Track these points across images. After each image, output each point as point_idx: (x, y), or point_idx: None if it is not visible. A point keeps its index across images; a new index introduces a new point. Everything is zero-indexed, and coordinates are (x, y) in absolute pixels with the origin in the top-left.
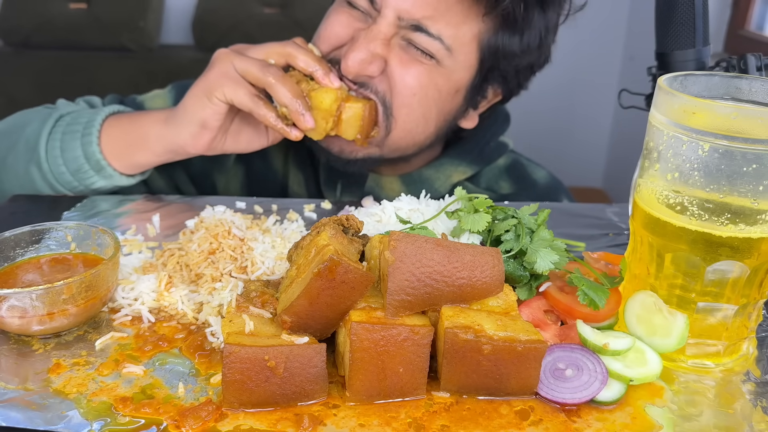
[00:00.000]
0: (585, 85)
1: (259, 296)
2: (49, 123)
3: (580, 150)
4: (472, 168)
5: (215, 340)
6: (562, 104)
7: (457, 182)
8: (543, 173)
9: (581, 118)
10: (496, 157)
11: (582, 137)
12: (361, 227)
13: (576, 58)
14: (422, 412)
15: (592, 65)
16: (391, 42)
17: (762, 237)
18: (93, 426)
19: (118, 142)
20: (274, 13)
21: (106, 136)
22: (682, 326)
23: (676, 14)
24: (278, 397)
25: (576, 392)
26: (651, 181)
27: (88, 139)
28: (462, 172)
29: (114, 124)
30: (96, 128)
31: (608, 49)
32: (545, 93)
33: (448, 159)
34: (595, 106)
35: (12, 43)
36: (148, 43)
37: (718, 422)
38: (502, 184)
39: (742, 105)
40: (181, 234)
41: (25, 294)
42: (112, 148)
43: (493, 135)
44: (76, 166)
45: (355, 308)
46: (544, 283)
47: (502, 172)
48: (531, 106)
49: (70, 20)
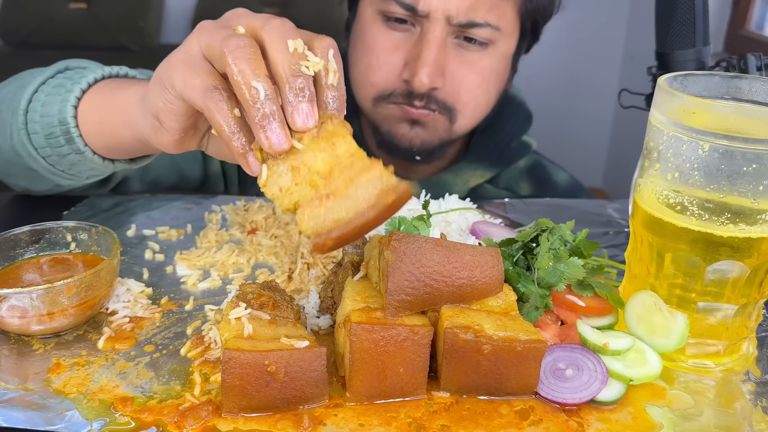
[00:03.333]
0: (585, 85)
1: (256, 298)
2: (48, 71)
3: (580, 150)
4: (491, 171)
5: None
6: (562, 104)
7: (475, 185)
8: (564, 176)
9: (581, 118)
10: (517, 159)
11: (582, 137)
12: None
13: (576, 58)
14: (422, 412)
15: (592, 65)
16: (446, 44)
17: (762, 237)
18: (93, 426)
19: (94, 113)
20: (274, 13)
21: (87, 102)
22: (682, 326)
23: (676, 14)
24: (278, 401)
25: (576, 392)
26: (651, 180)
27: (66, 97)
28: (480, 175)
29: (101, 89)
30: (80, 87)
31: (608, 49)
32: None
33: (467, 163)
34: (595, 106)
35: (12, 43)
36: (148, 42)
37: (718, 422)
38: (521, 185)
39: (742, 105)
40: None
41: (25, 294)
42: (88, 118)
43: (515, 135)
44: (49, 128)
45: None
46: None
47: (523, 173)
48: (530, 105)
49: (70, 20)
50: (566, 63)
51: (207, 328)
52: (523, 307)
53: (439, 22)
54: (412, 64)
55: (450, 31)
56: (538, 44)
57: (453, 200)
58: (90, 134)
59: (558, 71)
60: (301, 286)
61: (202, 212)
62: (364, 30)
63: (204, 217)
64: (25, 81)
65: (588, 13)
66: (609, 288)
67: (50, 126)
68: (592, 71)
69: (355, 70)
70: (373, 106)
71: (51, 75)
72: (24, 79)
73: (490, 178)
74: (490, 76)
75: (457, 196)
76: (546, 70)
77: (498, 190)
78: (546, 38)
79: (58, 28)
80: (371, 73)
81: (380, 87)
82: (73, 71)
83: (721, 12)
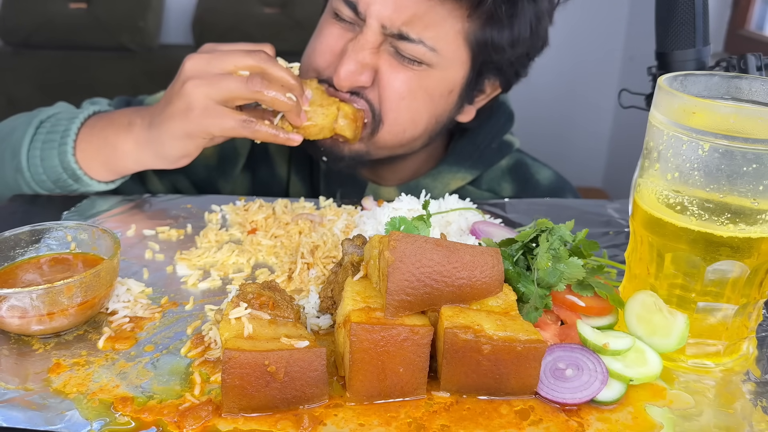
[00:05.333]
0: (585, 85)
1: (256, 298)
2: (30, 131)
3: (580, 150)
4: (471, 173)
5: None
6: (561, 104)
7: (456, 189)
8: (548, 173)
9: (581, 117)
10: (498, 159)
11: (582, 137)
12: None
13: (576, 58)
14: (422, 412)
15: (592, 65)
16: (381, 49)
17: (762, 237)
18: (93, 426)
19: (92, 154)
20: (274, 13)
21: (81, 145)
22: (682, 326)
23: (676, 14)
24: (278, 401)
25: (576, 392)
26: (651, 180)
27: (63, 149)
28: (461, 178)
29: (88, 132)
30: (71, 138)
31: (608, 49)
32: (545, 93)
33: (446, 167)
34: (595, 106)
35: (12, 43)
36: (148, 43)
37: (718, 422)
38: (504, 186)
39: (742, 105)
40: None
41: (25, 294)
42: (87, 158)
43: (495, 136)
44: (56, 175)
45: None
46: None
47: (505, 173)
48: (530, 105)
49: (70, 20)
50: (566, 63)
51: (207, 328)
52: (523, 307)
53: (373, 27)
54: (340, 58)
55: (385, 39)
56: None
57: (453, 200)
58: (94, 171)
59: (558, 71)
60: (301, 286)
61: (202, 212)
62: (320, 23)
63: (204, 217)
64: (13, 144)
65: (588, 14)
66: (609, 288)
67: (57, 173)
68: (592, 71)
69: (304, 57)
70: None
71: (33, 134)
72: (7, 141)
73: (472, 180)
74: (418, 93)
75: (457, 196)
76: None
77: (480, 191)
78: None
79: (58, 28)
80: (314, 57)
81: (319, 72)
82: (50, 122)
83: (721, 12)
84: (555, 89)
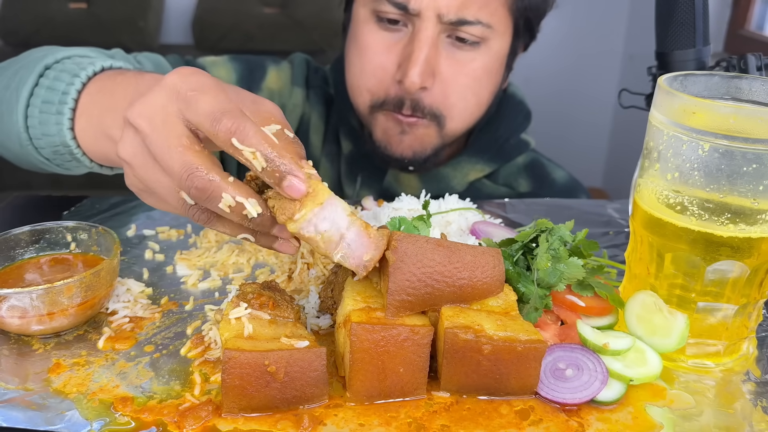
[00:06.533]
0: (585, 85)
1: (256, 298)
2: (30, 79)
3: (580, 150)
4: (490, 166)
5: (216, 346)
6: (562, 104)
7: (474, 180)
8: (562, 173)
9: (581, 118)
10: (515, 155)
11: (582, 137)
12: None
13: (576, 58)
14: (422, 412)
15: (592, 65)
16: (437, 43)
17: (762, 237)
18: (93, 426)
19: (90, 128)
20: (274, 13)
21: (82, 114)
22: (682, 326)
23: (676, 14)
24: (278, 401)
25: (576, 392)
26: (651, 180)
27: (59, 118)
28: (480, 170)
29: (89, 100)
30: (69, 105)
31: (608, 49)
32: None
33: (466, 157)
34: (595, 106)
35: (12, 43)
36: (148, 43)
37: (718, 422)
38: (521, 182)
39: (742, 105)
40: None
41: (25, 294)
42: (85, 133)
43: (513, 132)
44: (53, 148)
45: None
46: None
47: (521, 170)
48: (530, 105)
49: (70, 20)
50: (566, 63)
51: (207, 328)
52: (523, 308)
53: (430, 20)
54: (405, 64)
55: (442, 29)
56: (537, 44)
57: (453, 200)
58: (86, 147)
59: (558, 71)
60: (301, 286)
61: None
62: (357, 32)
63: None
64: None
65: (588, 13)
66: (609, 288)
67: (54, 145)
68: (592, 71)
69: (350, 75)
70: (368, 114)
71: (33, 84)
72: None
73: (489, 174)
74: (482, 77)
75: (456, 196)
76: (546, 70)
77: (497, 186)
78: (546, 38)
79: (58, 28)
80: (365, 78)
81: (374, 93)
82: (55, 70)
83: (721, 12)
84: (555, 89)
